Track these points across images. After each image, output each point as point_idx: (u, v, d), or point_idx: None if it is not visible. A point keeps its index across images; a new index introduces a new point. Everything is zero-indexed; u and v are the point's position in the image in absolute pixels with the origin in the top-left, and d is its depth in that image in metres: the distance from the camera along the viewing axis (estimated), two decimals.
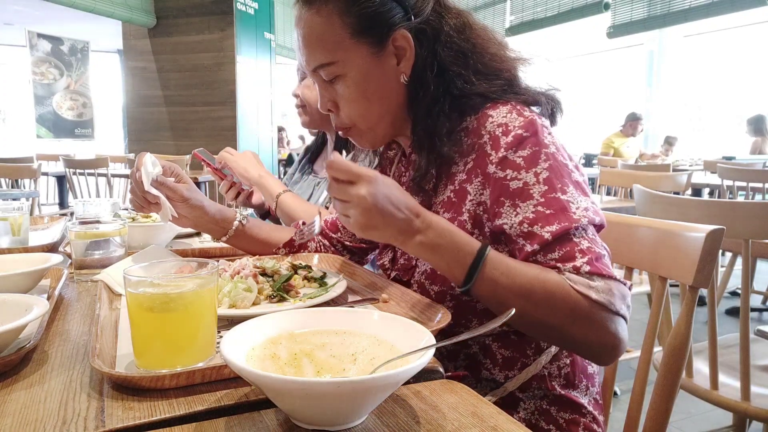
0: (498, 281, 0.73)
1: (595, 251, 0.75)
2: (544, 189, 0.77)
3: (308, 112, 1.60)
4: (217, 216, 1.08)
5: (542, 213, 0.76)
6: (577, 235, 0.75)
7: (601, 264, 0.74)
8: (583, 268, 0.73)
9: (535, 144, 0.79)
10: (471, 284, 0.73)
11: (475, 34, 0.90)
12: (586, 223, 0.76)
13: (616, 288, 0.73)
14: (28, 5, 6.88)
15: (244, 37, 5.60)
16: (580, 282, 0.73)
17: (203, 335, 0.62)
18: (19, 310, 0.69)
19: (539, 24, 7.06)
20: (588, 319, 0.72)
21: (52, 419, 0.51)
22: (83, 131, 9.06)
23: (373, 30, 0.85)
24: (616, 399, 2.34)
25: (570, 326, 0.73)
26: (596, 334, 0.73)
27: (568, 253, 0.75)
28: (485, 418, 0.53)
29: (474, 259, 0.73)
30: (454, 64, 0.87)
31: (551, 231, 0.75)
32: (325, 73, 0.88)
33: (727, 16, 5.79)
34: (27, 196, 3.65)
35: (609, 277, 0.73)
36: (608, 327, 0.73)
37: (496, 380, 0.86)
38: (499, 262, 0.74)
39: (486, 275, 0.73)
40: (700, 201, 1.49)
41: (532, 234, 0.76)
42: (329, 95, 0.91)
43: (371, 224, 0.72)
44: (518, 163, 0.79)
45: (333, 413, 0.49)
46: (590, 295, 0.72)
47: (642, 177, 2.91)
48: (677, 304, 1.05)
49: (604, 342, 0.73)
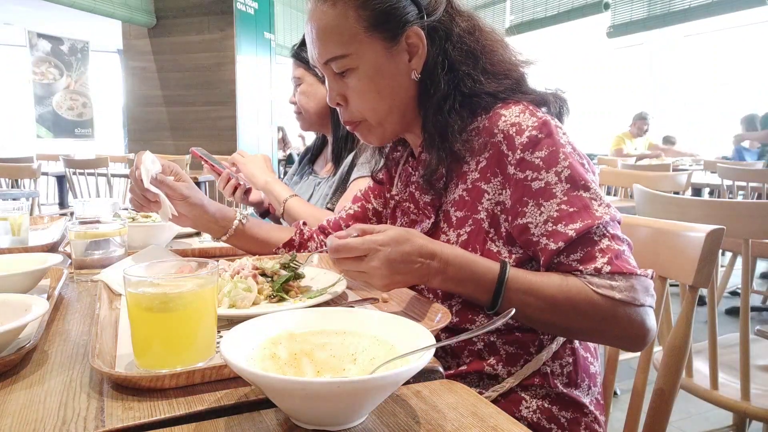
0: (523, 300, 0.77)
1: (615, 249, 0.77)
2: (567, 187, 0.79)
3: (305, 118, 1.63)
4: (217, 215, 1.08)
5: (566, 211, 0.78)
6: (598, 234, 0.77)
7: (621, 262, 0.76)
8: (604, 269, 0.76)
9: (551, 144, 0.81)
10: (498, 307, 0.78)
11: (484, 36, 0.91)
12: (608, 219, 0.78)
13: (638, 283, 0.76)
14: (28, 5, 6.87)
15: (244, 37, 5.60)
16: (602, 285, 0.75)
17: (203, 335, 0.62)
18: (19, 310, 0.69)
19: (539, 24, 7.06)
20: (614, 318, 0.75)
21: (52, 419, 0.51)
22: (83, 131, 9.07)
23: (387, 25, 0.87)
24: (616, 399, 2.34)
25: (599, 327, 0.77)
26: (625, 330, 0.76)
27: (589, 253, 0.77)
28: (485, 418, 0.53)
29: (496, 284, 0.77)
30: (464, 63, 0.88)
31: (575, 228, 0.77)
32: (336, 65, 0.89)
33: (727, 16, 5.79)
34: (27, 196, 3.66)
35: (630, 273, 0.76)
36: (635, 321, 0.76)
37: (499, 376, 0.87)
38: (521, 281, 0.77)
39: (511, 297, 0.77)
40: (700, 201, 1.49)
41: (556, 233, 0.78)
42: (339, 88, 0.92)
43: (393, 283, 0.76)
44: (537, 164, 0.81)
45: (333, 413, 0.49)
46: (614, 296, 0.75)
47: (642, 177, 2.91)
48: (677, 304, 1.05)
49: (634, 335, 0.77)
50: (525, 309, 0.78)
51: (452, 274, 0.77)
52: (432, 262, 0.76)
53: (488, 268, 0.78)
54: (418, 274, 0.76)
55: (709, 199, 1.51)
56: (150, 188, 0.99)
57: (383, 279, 0.75)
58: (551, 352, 0.87)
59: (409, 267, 0.75)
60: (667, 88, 9.00)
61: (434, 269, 0.76)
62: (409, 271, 0.75)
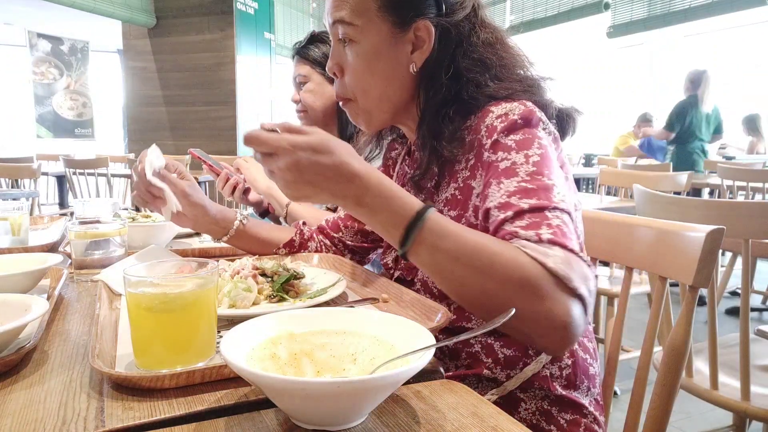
0: (437, 244, 0.67)
1: (564, 229, 0.69)
2: (532, 170, 0.75)
3: (309, 117, 1.62)
4: (218, 216, 1.08)
5: (524, 188, 0.73)
6: (552, 213, 0.70)
7: (567, 239, 0.67)
8: (544, 236, 0.67)
9: (528, 132, 0.79)
10: (407, 246, 0.68)
11: (506, 50, 0.90)
12: (564, 207, 0.72)
13: (576, 263, 0.65)
14: (28, 5, 6.88)
15: (244, 37, 5.60)
16: (536, 249, 0.66)
17: (203, 335, 0.62)
18: (19, 310, 0.69)
19: (539, 24, 7.06)
20: (536, 289, 0.64)
21: (52, 419, 0.51)
22: (83, 131, 9.07)
23: (401, 10, 0.86)
24: (616, 399, 2.34)
25: (514, 294, 0.64)
26: (544, 307, 0.63)
27: (536, 223, 0.69)
28: (485, 418, 0.53)
29: (411, 221, 0.67)
30: (472, 71, 0.87)
31: (529, 203, 0.71)
32: (342, 30, 0.88)
33: (727, 16, 5.79)
34: (27, 196, 3.65)
35: (571, 251, 0.66)
36: (558, 303, 0.63)
37: (498, 379, 0.86)
38: (441, 226, 0.68)
39: (425, 237, 0.67)
40: (700, 201, 1.49)
41: (508, 204, 0.72)
42: (338, 57, 0.92)
43: (299, 194, 0.69)
44: (509, 145, 0.78)
45: (333, 413, 0.49)
46: (545, 262, 0.64)
47: (642, 177, 2.91)
48: (677, 304, 1.05)
49: (552, 317, 0.63)
50: (438, 257, 0.67)
51: (368, 202, 0.68)
52: (349, 184, 0.67)
53: (409, 203, 0.69)
54: (330, 193, 0.68)
55: (709, 199, 1.51)
56: (153, 181, 0.99)
57: (287, 186, 0.68)
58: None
59: (320, 181, 0.67)
60: (667, 88, 8.99)
61: (350, 193, 0.68)
62: (319, 186, 0.67)
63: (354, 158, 0.69)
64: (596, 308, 2.74)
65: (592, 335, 0.94)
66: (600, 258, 1.07)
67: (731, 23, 7.31)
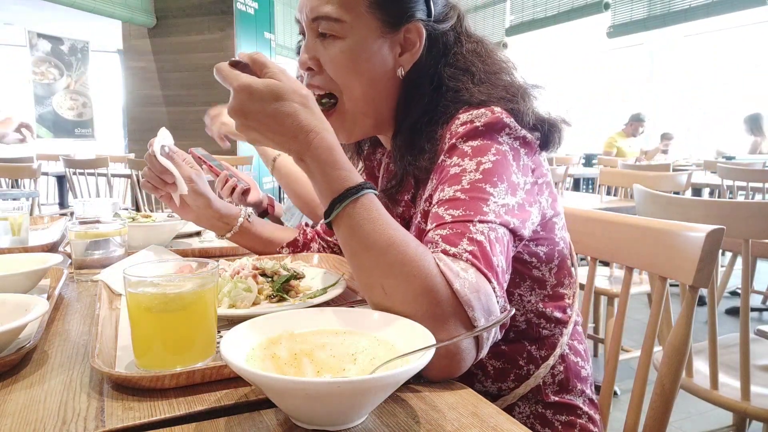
0: (355, 230, 0.65)
1: (486, 249, 0.66)
2: (477, 178, 0.72)
3: None
4: (222, 211, 1.08)
5: (456, 198, 0.71)
6: (476, 226, 0.68)
7: (486, 260, 0.65)
8: (463, 254, 0.65)
9: (488, 138, 0.75)
10: (329, 219, 0.67)
11: (492, 60, 0.87)
12: (493, 219, 0.69)
13: (485, 294, 0.63)
14: (28, 5, 6.88)
15: (244, 37, 5.60)
16: (449, 265, 0.63)
17: (203, 335, 0.62)
18: (19, 310, 0.69)
19: (539, 24, 7.07)
20: (436, 303, 0.61)
21: (52, 419, 0.51)
22: (83, 131, 9.07)
23: (392, 10, 0.83)
24: (616, 399, 2.34)
25: (413, 300, 0.62)
26: (436, 326, 0.60)
27: (458, 234, 0.67)
28: (485, 418, 0.53)
29: (338, 195, 0.65)
30: (453, 79, 0.84)
31: (453, 215, 0.69)
32: (324, 26, 0.83)
33: (727, 16, 5.79)
34: (27, 196, 3.65)
35: (486, 277, 0.64)
36: (453, 326, 0.61)
37: (490, 393, 0.84)
38: (367, 212, 0.65)
39: (350, 212, 0.65)
40: (700, 201, 1.49)
41: (436, 215, 0.71)
42: (315, 52, 0.85)
43: (249, 138, 0.69)
44: (465, 151, 0.75)
45: (333, 413, 0.49)
46: (452, 283, 0.62)
47: (642, 177, 2.91)
48: (677, 304, 1.05)
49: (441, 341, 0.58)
50: (351, 238, 0.65)
51: (307, 162, 0.67)
52: (292, 139, 0.66)
53: (344, 177, 0.66)
54: (274, 142, 0.68)
55: (709, 199, 1.51)
56: (161, 160, 0.99)
57: (238, 128, 0.68)
58: (548, 368, 0.84)
59: (263, 129, 0.67)
60: (667, 88, 9.00)
61: (293, 147, 0.67)
62: (263, 134, 0.67)
63: (306, 111, 0.66)
64: (596, 308, 2.74)
65: (582, 337, 0.93)
66: (600, 258, 1.07)
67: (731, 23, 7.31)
